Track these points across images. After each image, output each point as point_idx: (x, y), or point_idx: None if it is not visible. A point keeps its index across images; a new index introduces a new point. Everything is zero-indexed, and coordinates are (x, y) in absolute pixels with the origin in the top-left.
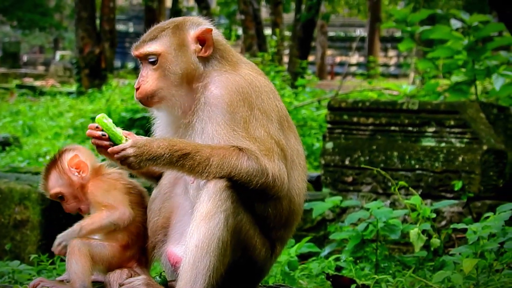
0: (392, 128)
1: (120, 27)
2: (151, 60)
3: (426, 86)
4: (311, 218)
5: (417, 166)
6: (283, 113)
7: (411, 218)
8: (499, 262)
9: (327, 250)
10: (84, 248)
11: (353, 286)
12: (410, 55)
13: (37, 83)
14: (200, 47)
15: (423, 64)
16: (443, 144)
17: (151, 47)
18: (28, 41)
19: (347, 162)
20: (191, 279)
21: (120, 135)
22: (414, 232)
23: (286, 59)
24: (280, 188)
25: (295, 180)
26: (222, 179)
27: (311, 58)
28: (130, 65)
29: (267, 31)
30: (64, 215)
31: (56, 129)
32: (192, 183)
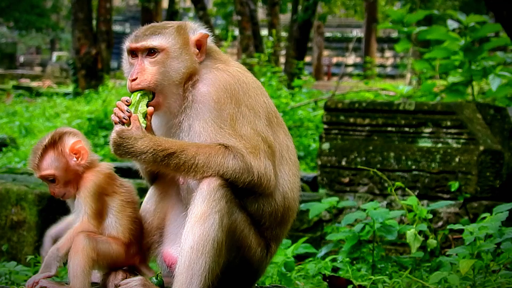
0: (389, 128)
1: (117, 28)
2: (149, 54)
3: (422, 86)
4: (308, 219)
5: (413, 167)
6: (271, 109)
7: (408, 218)
8: (496, 262)
9: (323, 251)
10: (89, 245)
11: (349, 287)
12: (406, 56)
13: (33, 84)
14: (197, 51)
15: (420, 65)
16: (439, 145)
17: (156, 41)
18: (24, 42)
19: (343, 163)
20: (187, 280)
21: (139, 114)
22: (410, 232)
23: (282, 59)
24: (267, 185)
25: (287, 175)
26: (215, 179)
27: (307, 59)
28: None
29: (264, 32)
30: (60, 216)
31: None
32: (182, 184)
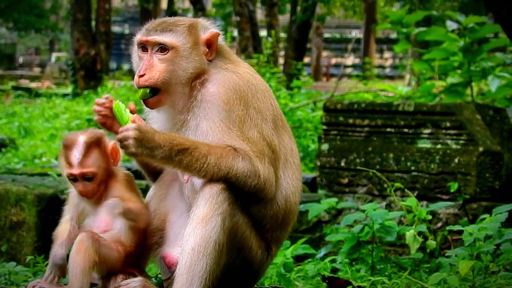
0: (388, 129)
1: (116, 28)
2: (160, 50)
3: (421, 87)
4: (307, 219)
5: (413, 168)
6: (278, 112)
7: (407, 219)
8: (495, 264)
9: (322, 252)
10: (92, 246)
11: None
12: (405, 57)
13: (32, 85)
14: (207, 50)
15: (419, 66)
16: (439, 146)
17: (167, 37)
18: (23, 42)
19: (342, 164)
20: (187, 281)
21: (127, 118)
22: (410, 234)
23: (281, 60)
24: (269, 191)
25: (290, 179)
26: (218, 182)
27: (306, 60)
28: (126, 66)
29: (263, 33)
30: (60, 217)
31: (51, 130)
32: (185, 182)
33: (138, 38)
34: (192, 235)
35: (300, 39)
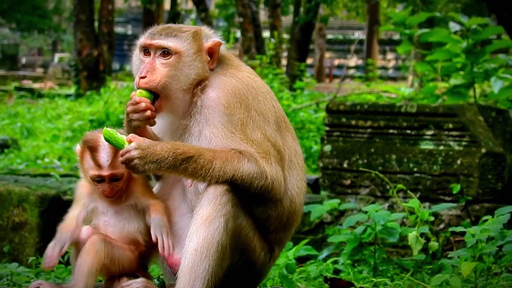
0: (391, 131)
1: (119, 29)
2: (162, 54)
3: (424, 89)
4: (309, 221)
5: (415, 169)
6: (280, 113)
7: (409, 221)
8: (498, 265)
9: (325, 253)
10: (104, 249)
11: None
12: (408, 58)
13: (35, 85)
14: (209, 59)
15: (422, 67)
16: (441, 147)
17: (172, 42)
18: (26, 43)
19: (345, 165)
20: (190, 282)
21: (123, 140)
22: (412, 235)
23: (284, 61)
24: (278, 191)
25: (295, 180)
26: (222, 183)
27: (309, 61)
28: (129, 67)
29: (266, 34)
30: (62, 218)
31: (54, 131)
32: (189, 186)
33: (141, 41)
34: (195, 236)
35: (303, 40)
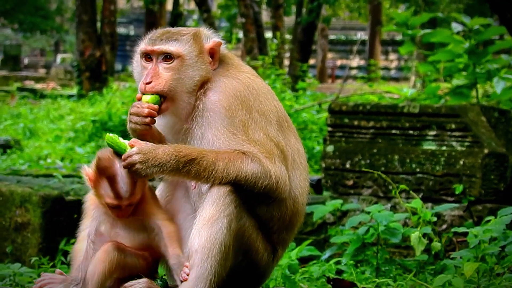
0: (393, 131)
1: (121, 30)
2: (165, 59)
3: (427, 89)
4: (312, 221)
5: (418, 170)
6: (282, 113)
7: (412, 221)
8: (500, 266)
9: (327, 254)
10: (117, 258)
11: None
12: (411, 59)
13: (38, 86)
14: (210, 59)
15: (424, 68)
16: (444, 148)
17: (173, 46)
18: (29, 44)
19: (347, 166)
20: (192, 283)
21: (125, 145)
22: (415, 235)
23: (286, 62)
24: (282, 190)
25: (298, 179)
26: (225, 184)
27: (311, 61)
28: (131, 68)
29: (268, 34)
30: (64, 218)
31: (57, 132)
32: (193, 188)
33: (142, 47)
34: (198, 236)
35: (306, 40)
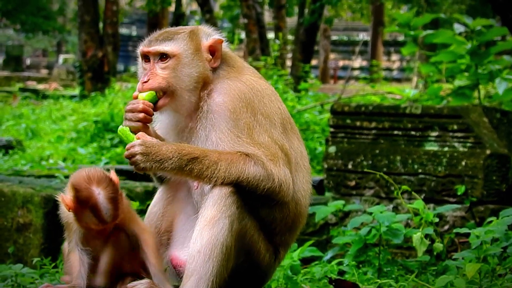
0: (395, 132)
1: (123, 30)
2: (161, 59)
3: (429, 90)
4: (314, 222)
5: (420, 171)
6: (286, 115)
7: (414, 222)
8: (502, 266)
9: (329, 254)
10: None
11: None
12: (413, 59)
13: (40, 87)
14: (210, 57)
15: (426, 68)
16: (446, 149)
17: (168, 46)
18: (31, 44)
19: (350, 166)
20: (194, 283)
21: (133, 137)
22: (417, 236)
23: (289, 63)
24: (286, 193)
25: (300, 182)
26: (227, 185)
27: (314, 62)
28: (133, 68)
29: (270, 35)
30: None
31: (59, 132)
32: (196, 188)
33: (140, 49)
34: (199, 237)
35: (308, 41)
